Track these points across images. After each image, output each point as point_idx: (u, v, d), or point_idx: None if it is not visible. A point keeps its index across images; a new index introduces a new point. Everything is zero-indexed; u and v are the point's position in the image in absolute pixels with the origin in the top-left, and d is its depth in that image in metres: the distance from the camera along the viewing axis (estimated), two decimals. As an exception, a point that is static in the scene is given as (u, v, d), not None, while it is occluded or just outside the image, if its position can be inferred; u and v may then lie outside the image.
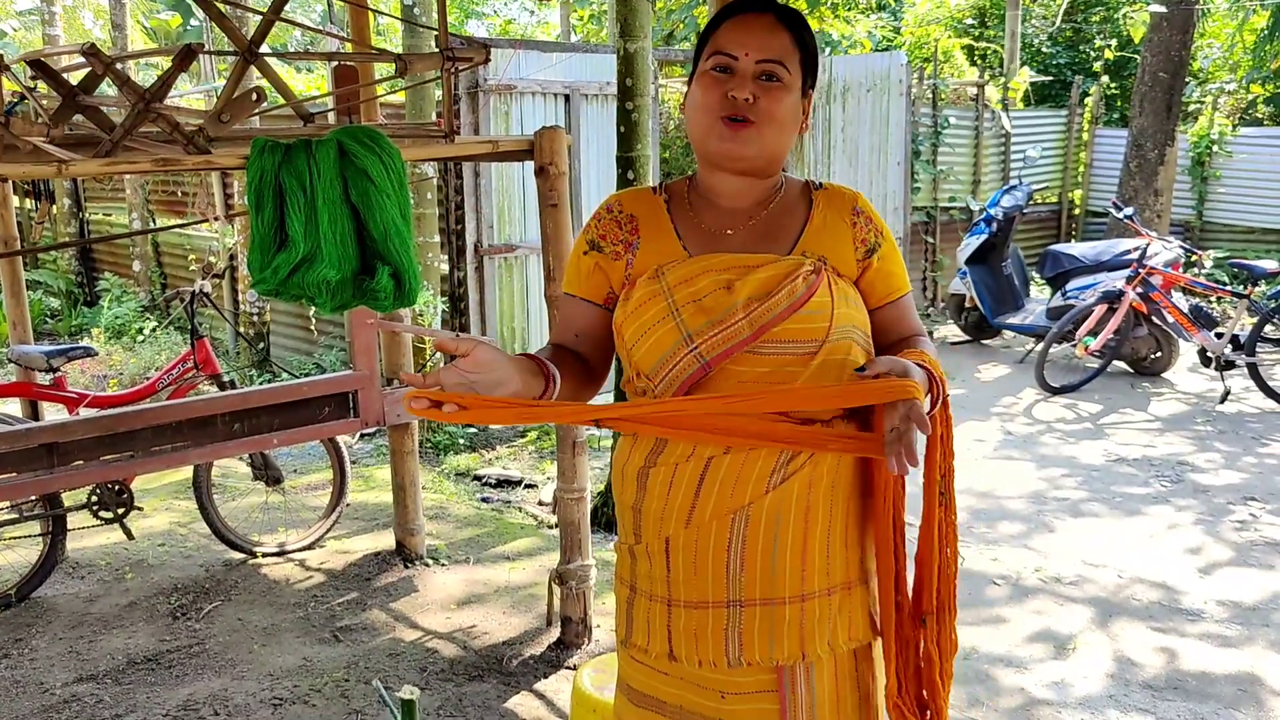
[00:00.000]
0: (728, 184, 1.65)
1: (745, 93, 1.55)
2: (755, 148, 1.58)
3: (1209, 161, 10.83)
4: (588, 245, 1.69)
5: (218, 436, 3.65)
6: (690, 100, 1.63)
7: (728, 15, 1.60)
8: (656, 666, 1.66)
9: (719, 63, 1.58)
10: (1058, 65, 13.33)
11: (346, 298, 2.78)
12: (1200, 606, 3.92)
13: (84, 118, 2.92)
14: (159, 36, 16.54)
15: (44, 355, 4.14)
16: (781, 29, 1.59)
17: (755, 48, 1.56)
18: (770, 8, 1.60)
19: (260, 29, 2.98)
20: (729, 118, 1.56)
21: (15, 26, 15.67)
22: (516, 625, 3.74)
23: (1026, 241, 10.80)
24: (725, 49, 1.57)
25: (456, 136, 3.28)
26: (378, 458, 5.86)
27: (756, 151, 1.59)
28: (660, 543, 1.62)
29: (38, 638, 3.67)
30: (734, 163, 1.61)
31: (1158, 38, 9.80)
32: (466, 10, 20.11)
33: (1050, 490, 5.22)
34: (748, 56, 1.56)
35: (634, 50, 4.43)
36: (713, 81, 1.58)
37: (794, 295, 1.54)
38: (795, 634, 1.59)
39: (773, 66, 1.57)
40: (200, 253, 8.67)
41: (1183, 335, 7.01)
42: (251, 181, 2.69)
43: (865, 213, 1.67)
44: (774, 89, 1.57)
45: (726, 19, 1.60)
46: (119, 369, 7.83)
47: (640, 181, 4.51)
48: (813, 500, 1.57)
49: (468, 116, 6.18)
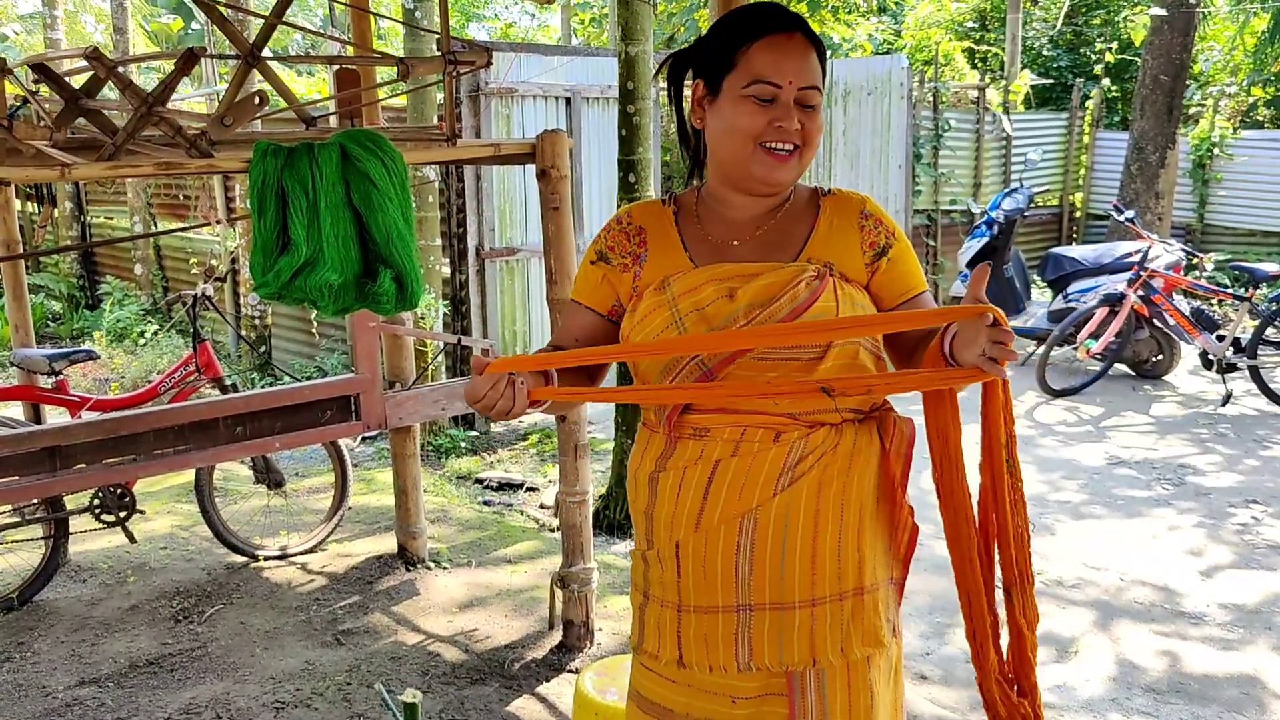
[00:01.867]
0: (740, 198, 1.65)
1: (794, 123, 1.55)
2: (795, 174, 1.60)
3: (1210, 164, 10.83)
4: (596, 255, 1.71)
5: (220, 440, 3.64)
6: (723, 122, 1.58)
7: (756, 34, 1.56)
8: (665, 674, 1.66)
9: (764, 93, 1.55)
10: (1059, 68, 13.34)
11: (349, 301, 2.78)
12: (1202, 609, 3.91)
13: (86, 121, 2.92)
14: (160, 40, 16.56)
15: (46, 359, 4.14)
16: (810, 50, 1.58)
17: (795, 75, 1.55)
18: (799, 27, 1.58)
19: (262, 32, 2.98)
20: (773, 146, 1.56)
21: (17, 30, 15.70)
22: (518, 629, 3.74)
23: (1028, 244, 10.81)
24: (768, 78, 1.55)
25: (458, 140, 3.29)
26: (379, 461, 5.86)
27: (795, 177, 1.61)
28: (671, 547, 1.62)
29: (40, 641, 3.67)
30: (773, 189, 1.61)
31: (1158, 40, 9.81)
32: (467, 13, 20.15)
33: (1051, 493, 5.22)
34: (791, 85, 1.55)
35: (635, 54, 4.44)
36: (757, 109, 1.55)
37: (795, 301, 1.54)
38: (805, 639, 1.58)
39: (811, 93, 1.57)
40: (202, 256, 8.68)
41: (1184, 338, 7.01)
42: (254, 185, 2.69)
43: (874, 215, 1.66)
44: (812, 114, 1.58)
45: (757, 39, 1.56)
46: (121, 372, 7.84)
47: (642, 184, 4.51)
48: (822, 504, 1.57)
49: (469, 119, 6.18)
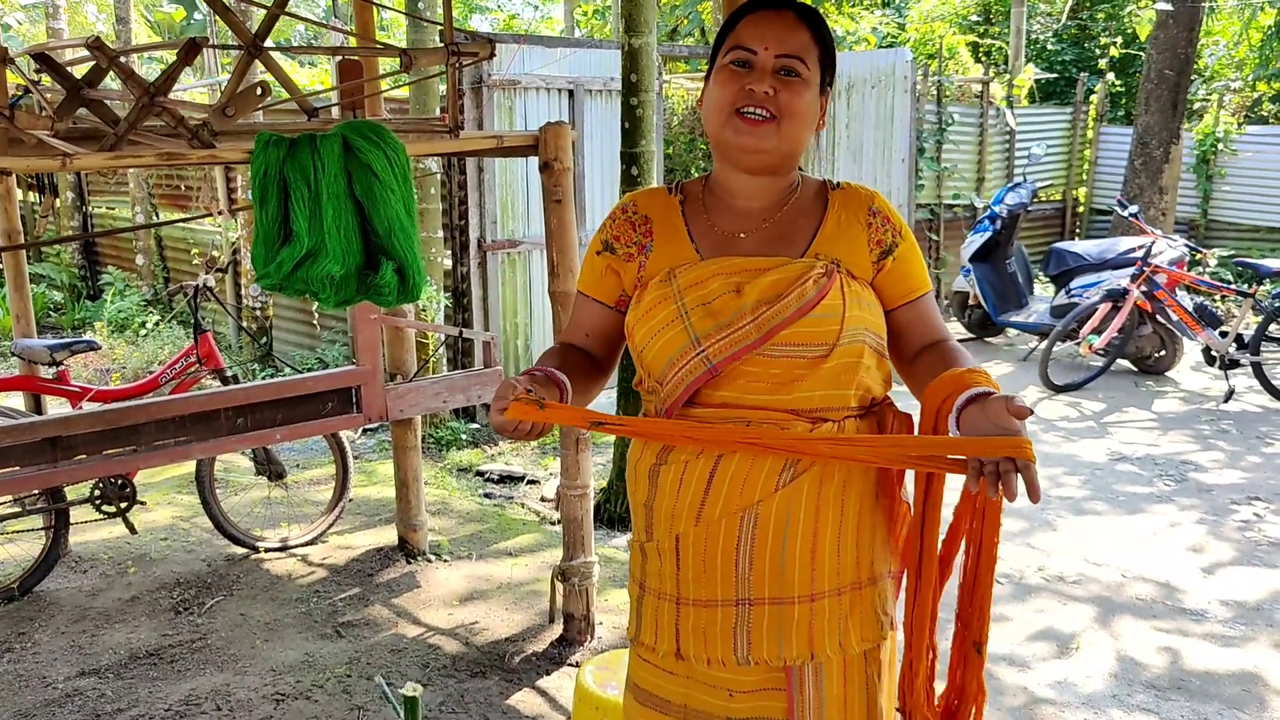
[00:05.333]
0: (743, 183, 1.63)
1: (764, 86, 1.54)
2: (773, 142, 1.56)
3: (1214, 160, 10.80)
4: (601, 245, 1.69)
5: (221, 431, 3.64)
6: (707, 96, 1.61)
7: (746, 12, 1.59)
8: (663, 665, 1.66)
9: (738, 57, 1.56)
10: (1063, 62, 13.31)
11: (350, 293, 2.78)
12: (1203, 606, 3.91)
13: (88, 111, 2.91)
14: (163, 30, 16.53)
15: (47, 349, 4.14)
16: (801, 25, 1.58)
17: (774, 42, 1.55)
18: (789, 5, 1.59)
19: (265, 23, 2.97)
20: (746, 110, 1.55)
21: (20, 19, 15.67)
22: (519, 622, 3.73)
23: (1031, 239, 10.79)
24: (744, 43, 1.56)
25: (461, 132, 3.27)
26: (380, 453, 5.86)
27: (774, 146, 1.57)
28: (671, 540, 1.61)
29: (40, 631, 3.67)
30: (751, 156, 1.59)
31: (1164, 35, 9.78)
32: (470, 4, 20.10)
33: (1053, 488, 5.21)
34: (767, 51, 1.55)
35: (639, 46, 4.42)
36: (731, 75, 1.56)
37: (804, 298, 1.53)
38: (804, 634, 1.58)
39: (792, 62, 1.56)
40: (203, 246, 8.67)
41: (1187, 334, 6.99)
42: (256, 176, 2.69)
43: (882, 213, 1.65)
44: (793, 83, 1.56)
45: (745, 16, 1.58)
46: (122, 362, 7.83)
47: (645, 177, 4.50)
48: (823, 499, 1.57)
49: (471, 111, 6.17)
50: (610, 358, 1.74)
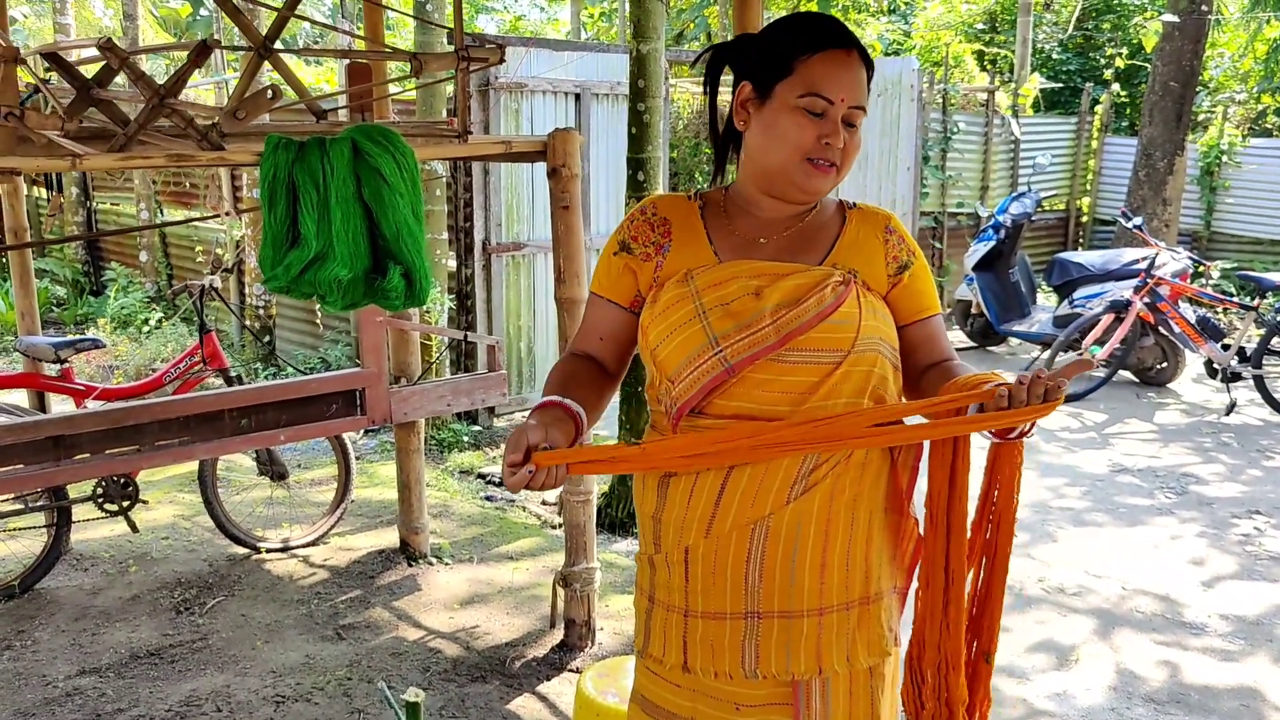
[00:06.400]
0: (771, 203, 1.66)
1: (840, 141, 1.57)
2: (830, 186, 1.61)
3: (1218, 172, 10.81)
4: (618, 246, 1.70)
5: (224, 431, 3.64)
6: (771, 129, 1.59)
7: (818, 46, 1.57)
8: (670, 678, 1.66)
9: (816, 106, 1.56)
10: (1068, 72, 13.31)
11: (357, 296, 2.78)
12: (1203, 619, 3.91)
13: (98, 111, 2.91)
14: (169, 25, 16.54)
15: (52, 347, 4.14)
16: (862, 67, 1.60)
17: (848, 92, 1.57)
18: (856, 45, 1.60)
19: (275, 24, 2.97)
20: (815, 160, 1.58)
21: (26, 13, 15.67)
22: (519, 626, 3.74)
23: (1034, 249, 10.78)
24: (823, 92, 1.56)
25: (470, 136, 3.28)
26: (382, 454, 5.86)
27: (830, 189, 1.63)
28: (680, 552, 1.62)
29: (40, 629, 3.67)
30: (808, 197, 1.64)
31: (1169, 47, 9.78)
32: (476, 5, 20.12)
33: (1053, 499, 5.21)
34: (843, 102, 1.57)
35: (647, 51, 4.43)
36: (808, 122, 1.57)
37: (822, 304, 1.55)
38: (812, 648, 1.58)
39: (857, 113, 1.59)
40: (207, 244, 8.67)
41: (1189, 346, 7.00)
42: (265, 178, 2.69)
43: (898, 232, 1.69)
44: (855, 133, 1.60)
45: (818, 51, 1.57)
46: (125, 359, 7.83)
47: (650, 183, 4.50)
48: (834, 513, 1.57)
49: (478, 114, 6.17)
50: (622, 363, 1.75)
